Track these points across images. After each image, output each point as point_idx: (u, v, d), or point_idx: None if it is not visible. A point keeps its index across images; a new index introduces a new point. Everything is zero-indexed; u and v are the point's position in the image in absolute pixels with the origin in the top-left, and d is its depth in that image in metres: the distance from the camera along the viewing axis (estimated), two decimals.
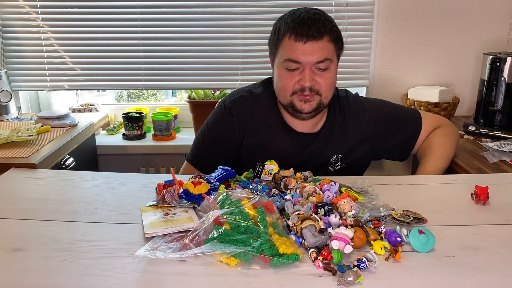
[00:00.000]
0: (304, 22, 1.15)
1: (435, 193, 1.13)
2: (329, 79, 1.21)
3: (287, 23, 1.17)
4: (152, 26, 2.13)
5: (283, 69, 1.20)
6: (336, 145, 1.33)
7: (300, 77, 1.19)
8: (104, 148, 2.17)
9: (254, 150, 1.30)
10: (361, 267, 0.74)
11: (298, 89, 1.20)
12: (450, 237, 0.87)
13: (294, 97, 1.22)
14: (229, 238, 0.80)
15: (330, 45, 1.17)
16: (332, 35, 1.18)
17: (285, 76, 1.20)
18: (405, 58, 2.13)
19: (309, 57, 1.16)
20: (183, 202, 0.98)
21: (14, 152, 1.46)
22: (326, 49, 1.17)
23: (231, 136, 1.30)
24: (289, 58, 1.17)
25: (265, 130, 1.30)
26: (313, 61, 1.16)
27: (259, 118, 1.30)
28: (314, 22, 1.15)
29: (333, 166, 1.34)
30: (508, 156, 1.52)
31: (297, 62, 1.17)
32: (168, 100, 2.67)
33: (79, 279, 0.74)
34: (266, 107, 1.31)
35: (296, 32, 1.15)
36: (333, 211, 0.87)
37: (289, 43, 1.17)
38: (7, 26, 2.11)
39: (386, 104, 1.42)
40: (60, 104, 2.36)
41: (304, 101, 1.22)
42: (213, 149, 1.33)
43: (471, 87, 2.15)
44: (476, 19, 2.07)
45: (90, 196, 1.08)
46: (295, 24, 1.16)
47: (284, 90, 1.22)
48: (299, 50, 1.16)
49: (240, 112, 1.29)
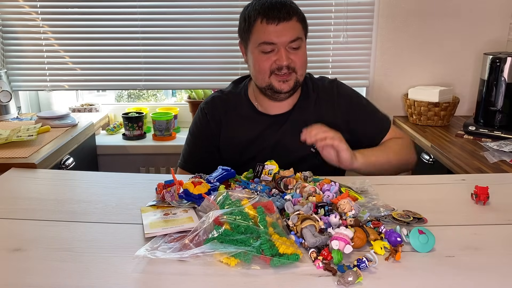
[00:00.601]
0: (273, 5, 1.22)
1: (435, 193, 1.13)
2: (302, 57, 1.29)
3: (256, 9, 1.24)
4: (152, 26, 2.13)
5: (259, 52, 1.26)
6: (310, 121, 1.33)
7: (277, 57, 1.25)
8: (104, 148, 2.17)
9: (231, 140, 1.38)
10: (361, 267, 0.74)
11: (275, 68, 1.26)
12: (450, 237, 0.87)
13: (272, 78, 1.28)
14: (229, 238, 0.80)
15: (298, 24, 1.26)
16: (299, 16, 1.26)
17: (262, 59, 1.26)
18: (405, 58, 2.13)
19: (283, 37, 1.23)
20: (183, 202, 0.98)
21: (14, 152, 1.46)
22: (297, 29, 1.25)
23: (209, 132, 1.39)
24: (264, 41, 1.23)
25: (238, 120, 1.38)
26: (286, 41, 1.23)
27: (231, 111, 1.39)
28: (282, 5, 1.23)
29: (310, 147, 1.34)
30: (508, 156, 1.52)
31: (272, 44, 1.23)
32: (168, 100, 2.67)
33: (79, 279, 0.74)
34: (237, 101, 1.40)
35: (268, 16, 1.22)
36: (333, 211, 0.87)
37: (262, 27, 1.23)
38: (7, 26, 2.12)
39: (361, 96, 1.45)
40: (60, 104, 2.36)
41: (282, 81, 1.28)
42: (197, 149, 1.42)
43: (471, 87, 2.15)
44: (476, 19, 2.08)
45: (90, 196, 1.08)
46: (265, 9, 1.22)
47: (262, 72, 1.28)
48: (272, 32, 1.22)
49: (213, 110, 1.39)
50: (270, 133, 1.36)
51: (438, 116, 1.99)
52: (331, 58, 2.16)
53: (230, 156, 1.37)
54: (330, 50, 2.14)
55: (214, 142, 1.39)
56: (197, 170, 1.26)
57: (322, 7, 2.09)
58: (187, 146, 1.45)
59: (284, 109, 1.37)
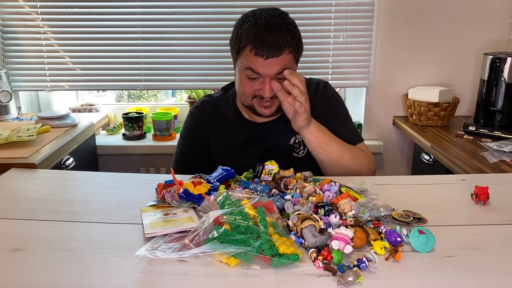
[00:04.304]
0: (266, 38, 1.15)
1: (435, 193, 1.13)
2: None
3: (248, 35, 1.18)
4: (152, 26, 2.13)
5: (244, 76, 1.24)
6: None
7: (260, 87, 1.22)
8: (104, 148, 2.17)
9: (220, 145, 1.39)
10: (361, 267, 0.74)
11: (258, 95, 1.24)
12: (450, 237, 0.87)
13: (254, 101, 1.27)
14: (229, 238, 0.80)
15: (289, 56, 1.20)
16: (291, 47, 1.19)
17: (246, 83, 1.24)
18: (405, 58, 2.13)
19: (269, 70, 1.19)
20: (183, 202, 0.98)
21: (14, 152, 1.46)
22: (286, 61, 1.19)
23: (199, 136, 1.40)
24: (250, 68, 1.20)
25: (226, 126, 1.39)
26: (273, 73, 1.20)
27: (220, 116, 1.39)
28: (275, 38, 1.16)
29: (297, 151, 1.36)
30: (508, 156, 1.52)
31: (259, 74, 1.20)
32: (168, 100, 2.67)
33: (79, 279, 0.74)
34: (225, 107, 1.40)
35: (257, 48, 1.16)
36: (333, 211, 0.87)
37: (250, 55, 1.18)
38: (7, 26, 2.12)
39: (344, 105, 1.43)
40: (60, 104, 2.36)
41: (264, 107, 1.27)
42: (189, 152, 1.43)
43: (471, 87, 2.15)
44: (476, 19, 2.08)
45: (90, 196, 1.08)
46: (256, 39, 1.16)
47: (244, 95, 1.27)
48: (259, 65, 1.18)
49: (202, 114, 1.40)
50: (257, 142, 1.36)
51: (438, 116, 1.99)
52: (331, 58, 2.16)
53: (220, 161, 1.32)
54: (330, 50, 2.14)
55: (204, 146, 1.40)
56: (189, 173, 1.24)
57: (322, 7, 2.09)
58: (178, 150, 1.45)
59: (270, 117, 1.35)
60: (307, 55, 2.08)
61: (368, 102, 2.21)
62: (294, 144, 1.36)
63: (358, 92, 2.30)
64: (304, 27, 2.04)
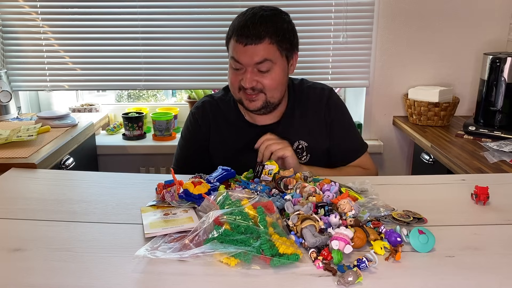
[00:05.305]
0: (246, 25, 1.19)
1: (435, 193, 1.13)
2: (272, 80, 1.25)
3: (234, 24, 1.24)
4: (152, 26, 2.13)
5: (230, 66, 1.27)
6: (298, 132, 1.36)
7: (242, 77, 1.25)
8: (104, 148, 2.17)
9: (220, 146, 1.39)
10: (361, 267, 0.74)
11: (242, 86, 1.26)
12: (450, 237, 0.87)
13: (241, 93, 1.29)
14: (229, 238, 0.80)
15: (271, 47, 1.21)
16: (275, 38, 1.21)
17: (232, 74, 1.28)
18: (405, 58, 2.13)
19: (248, 58, 1.21)
20: (183, 202, 0.98)
21: (14, 152, 1.46)
22: (267, 51, 1.21)
23: (200, 137, 1.41)
24: (233, 57, 1.24)
25: (227, 127, 1.39)
26: (252, 63, 1.22)
27: (220, 117, 1.40)
28: (255, 26, 1.19)
29: (299, 156, 1.35)
30: (508, 156, 1.52)
31: (240, 63, 1.23)
32: (168, 100, 2.67)
33: (79, 279, 0.74)
34: (226, 108, 1.40)
35: (238, 35, 1.21)
36: (333, 211, 0.87)
37: (233, 44, 1.23)
38: (7, 26, 2.11)
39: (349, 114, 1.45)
40: (60, 104, 2.36)
41: (249, 100, 1.28)
42: (189, 153, 1.44)
43: (471, 87, 2.15)
44: (476, 19, 2.08)
45: (90, 196, 1.08)
46: (239, 27, 1.21)
47: (232, 86, 1.31)
48: (239, 52, 1.21)
49: (203, 114, 1.40)
50: None
51: (438, 116, 1.99)
52: (331, 59, 2.15)
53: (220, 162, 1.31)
54: (330, 50, 2.14)
55: (205, 146, 1.40)
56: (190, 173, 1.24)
57: (322, 7, 2.08)
58: (179, 150, 1.46)
59: (271, 120, 1.36)
60: (307, 55, 2.08)
61: (368, 102, 2.21)
62: (297, 150, 1.35)
63: (358, 92, 2.30)
64: (304, 27, 2.04)
